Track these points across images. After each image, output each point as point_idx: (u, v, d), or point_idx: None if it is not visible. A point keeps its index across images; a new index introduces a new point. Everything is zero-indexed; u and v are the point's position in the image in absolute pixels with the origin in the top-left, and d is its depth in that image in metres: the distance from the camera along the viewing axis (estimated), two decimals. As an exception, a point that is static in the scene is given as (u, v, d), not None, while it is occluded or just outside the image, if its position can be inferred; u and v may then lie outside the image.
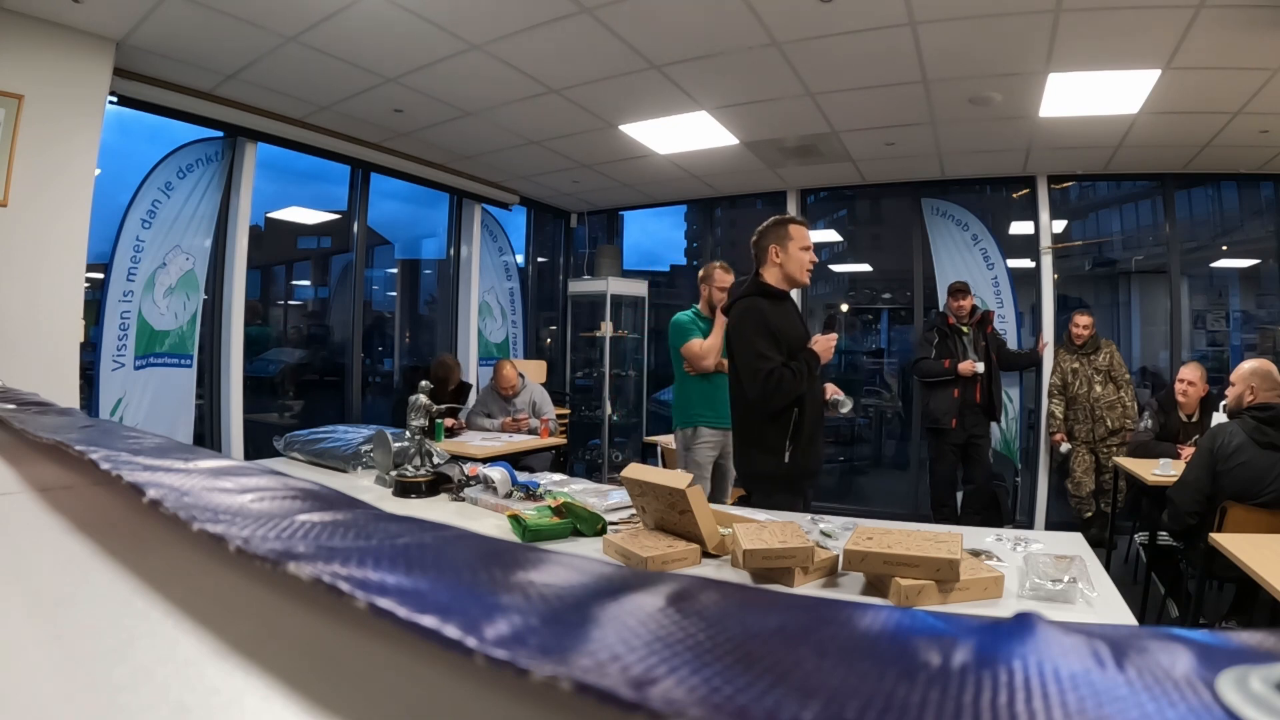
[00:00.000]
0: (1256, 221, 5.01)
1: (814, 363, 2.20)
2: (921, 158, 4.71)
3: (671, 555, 1.45)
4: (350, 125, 4.29)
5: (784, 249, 2.26)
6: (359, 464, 2.44)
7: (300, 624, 0.34)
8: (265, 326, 5.16)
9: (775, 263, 2.28)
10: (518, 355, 6.18)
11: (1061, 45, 3.01)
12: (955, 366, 4.33)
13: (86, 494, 0.67)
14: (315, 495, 0.44)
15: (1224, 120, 3.74)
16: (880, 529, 1.42)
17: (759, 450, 2.25)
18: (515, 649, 0.21)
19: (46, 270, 2.99)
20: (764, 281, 2.28)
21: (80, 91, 3.06)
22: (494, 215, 5.95)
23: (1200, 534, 2.41)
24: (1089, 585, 1.29)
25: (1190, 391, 3.74)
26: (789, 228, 2.28)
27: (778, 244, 2.27)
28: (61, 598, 0.45)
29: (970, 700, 0.17)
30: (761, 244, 2.31)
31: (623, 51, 3.22)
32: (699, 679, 0.19)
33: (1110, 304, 5.65)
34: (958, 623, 0.23)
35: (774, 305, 2.24)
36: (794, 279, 2.30)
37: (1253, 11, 2.66)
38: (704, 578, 0.27)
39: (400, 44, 3.17)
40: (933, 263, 5.29)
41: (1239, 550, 1.90)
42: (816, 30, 2.99)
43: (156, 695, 0.32)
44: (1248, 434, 2.52)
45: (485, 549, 0.32)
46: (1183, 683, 0.18)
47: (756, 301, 2.24)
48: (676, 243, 8.05)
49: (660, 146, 4.57)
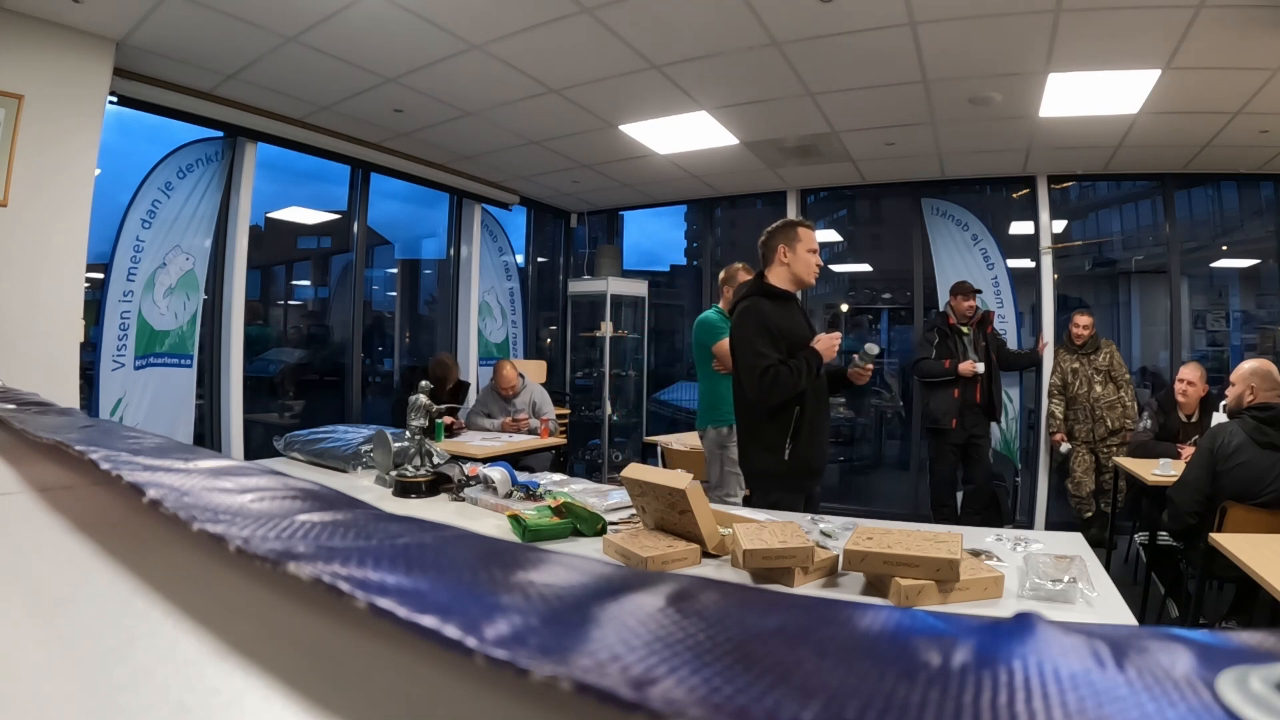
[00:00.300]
0: (1256, 221, 5.01)
1: (815, 361, 2.21)
2: (921, 158, 4.71)
3: (671, 555, 1.45)
4: (350, 125, 4.29)
5: (792, 250, 2.29)
6: (359, 464, 2.44)
7: (300, 624, 0.34)
8: (265, 326, 5.16)
9: (783, 263, 2.30)
10: (518, 355, 6.18)
11: (1061, 45, 3.01)
12: (956, 367, 4.33)
13: (86, 494, 0.67)
14: (315, 495, 0.44)
15: (1224, 120, 3.74)
16: (880, 529, 1.42)
17: (759, 448, 2.27)
18: (515, 649, 0.21)
19: (46, 270, 2.99)
20: (767, 282, 2.31)
21: (80, 91, 3.06)
22: (494, 215, 5.95)
23: (1200, 534, 2.41)
24: (1089, 585, 1.29)
25: (1190, 391, 3.74)
26: (798, 230, 2.31)
27: (786, 245, 2.30)
28: (61, 598, 0.45)
29: (970, 700, 0.17)
30: (770, 244, 2.33)
31: (623, 51, 3.22)
32: (699, 679, 0.19)
33: (1110, 304, 5.65)
34: (958, 623, 0.23)
35: (776, 305, 2.27)
36: (801, 280, 2.32)
37: (1253, 11, 2.66)
38: (704, 578, 0.27)
39: (400, 44, 3.17)
40: (933, 263, 5.30)
41: (1239, 550, 1.90)
42: (816, 30, 2.99)
43: (156, 695, 0.32)
44: (1248, 434, 2.52)
45: (485, 549, 0.32)
46: (1183, 683, 0.18)
47: (758, 302, 2.27)
48: (676, 243, 8.05)
49: (660, 146, 4.57)
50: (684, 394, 6.74)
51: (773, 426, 2.23)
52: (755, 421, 2.28)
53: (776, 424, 2.22)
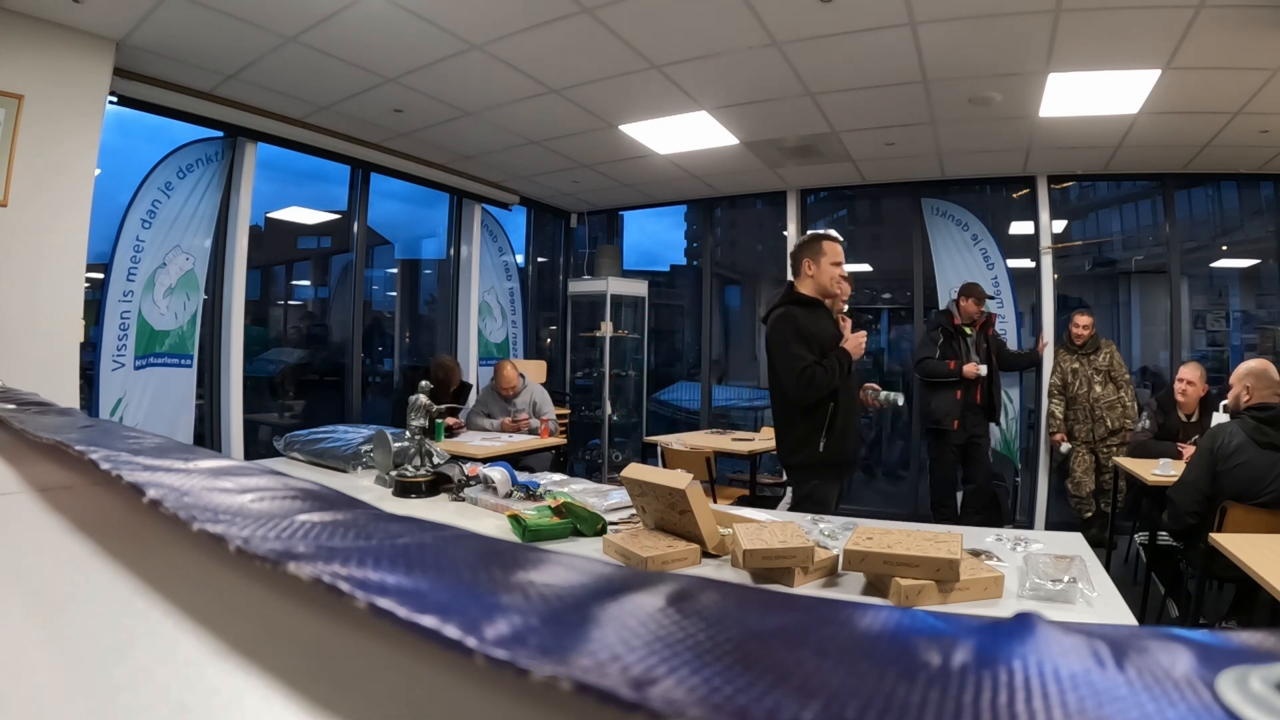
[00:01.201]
0: (1256, 221, 5.00)
1: (845, 360, 2.41)
2: (921, 158, 4.71)
3: (671, 555, 1.45)
4: (350, 125, 4.29)
5: (816, 263, 2.47)
6: (359, 464, 2.44)
7: (300, 624, 0.34)
8: (264, 328, 5.17)
9: (809, 275, 2.49)
10: (518, 355, 6.18)
11: (1061, 45, 3.01)
12: (960, 369, 4.33)
13: (86, 494, 0.67)
14: (315, 495, 0.44)
15: (1224, 120, 3.74)
16: (880, 529, 1.42)
17: (797, 441, 2.47)
18: (515, 649, 0.21)
19: (46, 270, 2.99)
20: (797, 291, 2.49)
21: (80, 91, 3.06)
22: (494, 215, 5.95)
23: (1200, 534, 2.41)
24: (1089, 585, 1.29)
25: (1190, 391, 3.74)
26: (822, 244, 2.49)
27: (811, 259, 2.48)
28: (61, 598, 0.45)
29: (970, 700, 0.17)
30: (797, 257, 2.53)
31: (623, 51, 3.22)
32: (699, 679, 0.19)
33: (1110, 304, 5.64)
34: (958, 623, 0.23)
35: (806, 312, 2.46)
36: (825, 290, 2.50)
37: (1253, 11, 2.66)
38: (704, 578, 0.27)
39: (400, 44, 3.17)
40: (933, 263, 5.29)
41: (1239, 550, 1.90)
42: (816, 30, 2.99)
43: (156, 695, 0.32)
44: (1247, 434, 2.52)
45: (485, 549, 0.32)
46: (1183, 683, 0.18)
47: (790, 309, 2.46)
48: (676, 243, 8.05)
49: (660, 146, 4.57)
50: (684, 394, 6.74)
51: (809, 422, 2.42)
52: (792, 417, 2.47)
53: (812, 419, 2.42)
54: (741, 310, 7.20)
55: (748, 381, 6.59)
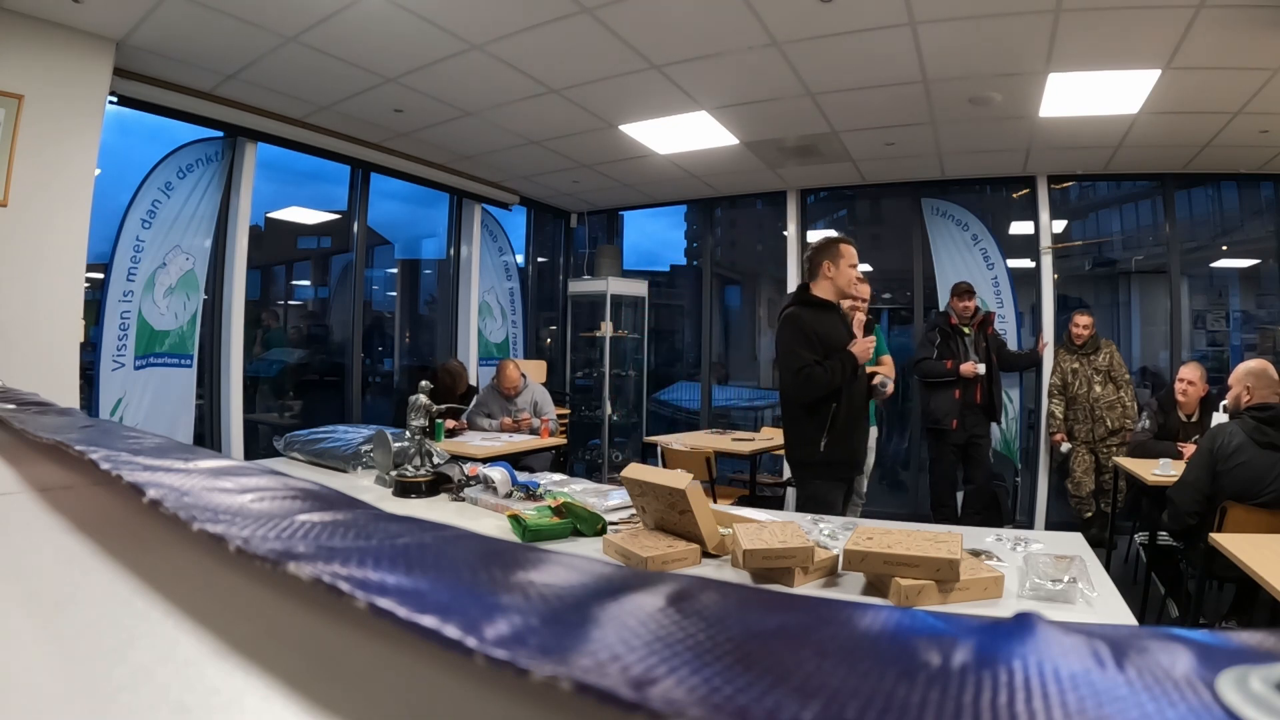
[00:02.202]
0: (1256, 221, 5.00)
1: (849, 363, 2.43)
2: (921, 158, 4.71)
3: (671, 555, 1.45)
4: (350, 125, 4.29)
5: (836, 265, 2.52)
6: (359, 464, 2.44)
7: (300, 624, 0.34)
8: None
9: (827, 277, 2.53)
10: (518, 355, 6.18)
11: (1061, 45, 3.01)
12: (958, 368, 4.33)
13: (86, 494, 0.67)
14: (315, 495, 0.44)
15: (1224, 120, 3.74)
16: (880, 529, 1.42)
17: (799, 440, 2.53)
18: (515, 649, 0.21)
19: (46, 270, 2.99)
20: (810, 293, 2.55)
21: (80, 91, 3.06)
22: (494, 215, 5.95)
23: (1200, 534, 2.41)
24: (1089, 585, 1.29)
25: (1190, 391, 3.74)
26: (840, 246, 2.54)
27: (830, 260, 2.52)
28: (61, 598, 0.45)
29: (970, 700, 0.17)
30: (816, 259, 2.57)
31: (623, 51, 3.22)
32: (699, 679, 0.19)
33: (1110, 304, 5.64)
34: (958, 623, 0.23)
35: (816, 313, 2.51)
36: (844, 291, 2.56)
37: (1253, 11, 2.66)
38: (704, 578, 0.27)
39: (400, 44, 3.17)
40: (933, 263, 5.29)
41: (1239, 550, 1.89)
42: (816, 30, 2.99)
43: (156, 695, 0.32)
44: (1247, 434, 2.52)
45: (485, 549, 0.32)
46: (1183, 683, 0.18)
47: (798, 310, 2.52)
48: (676, 243, 8.04)
49: (660, 146, 4.57)
50: (684, 394, 6.74)
51: (812, 421, 2.47)
52: (797, 416, 2.53)
53: (815, 419, 2.46)
54: (741, 310, 7.19)
55: (748, 382, 6.59)
